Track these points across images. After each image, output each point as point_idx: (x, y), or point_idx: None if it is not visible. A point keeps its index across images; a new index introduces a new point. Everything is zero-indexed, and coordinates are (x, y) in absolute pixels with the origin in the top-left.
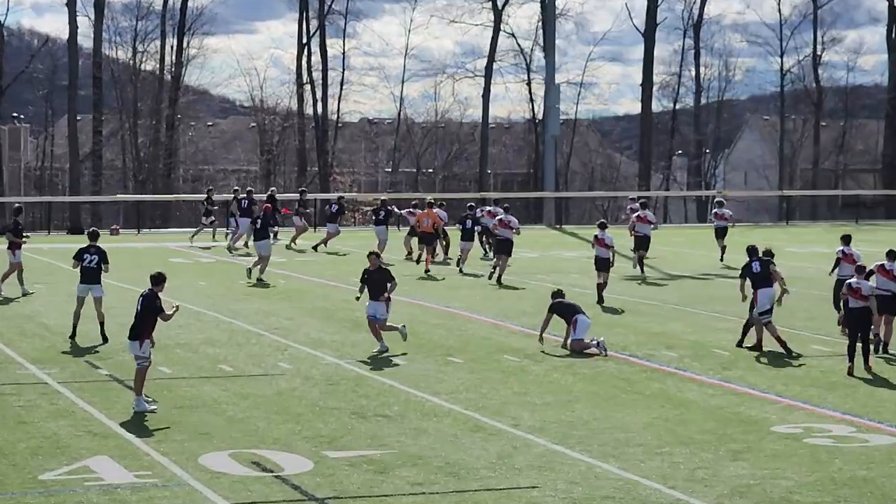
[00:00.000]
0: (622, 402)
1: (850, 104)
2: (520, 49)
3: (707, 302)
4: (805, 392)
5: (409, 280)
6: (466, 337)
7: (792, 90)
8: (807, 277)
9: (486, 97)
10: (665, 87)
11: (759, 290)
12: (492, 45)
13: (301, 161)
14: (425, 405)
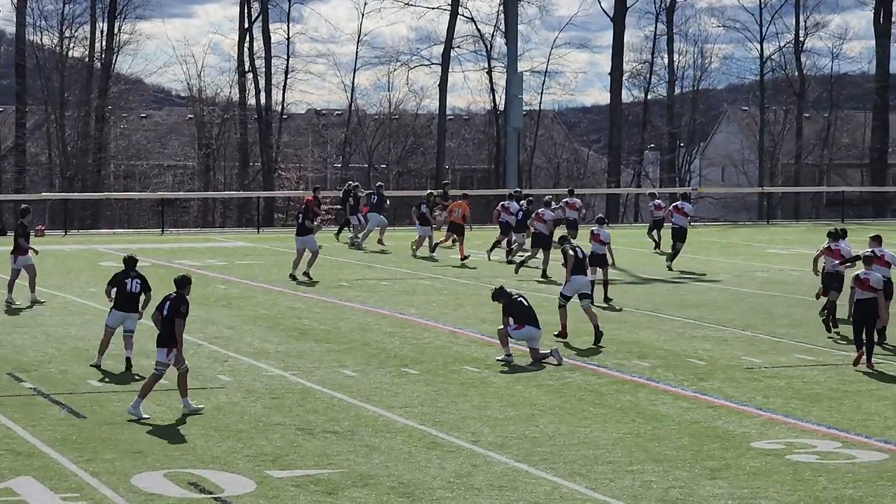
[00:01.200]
0: (590, 415)
1: (836, 94)
2: (479, 35)
3: (681, 308)
4: (787, 405)
5: (360, 284)
6: (422, 346)
7: (773, 79)
8: (789, 281)
9: (443, 87)
10: (636, 76)
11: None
12: (449, 31)
13: (243, 156)
14: (378, 420)
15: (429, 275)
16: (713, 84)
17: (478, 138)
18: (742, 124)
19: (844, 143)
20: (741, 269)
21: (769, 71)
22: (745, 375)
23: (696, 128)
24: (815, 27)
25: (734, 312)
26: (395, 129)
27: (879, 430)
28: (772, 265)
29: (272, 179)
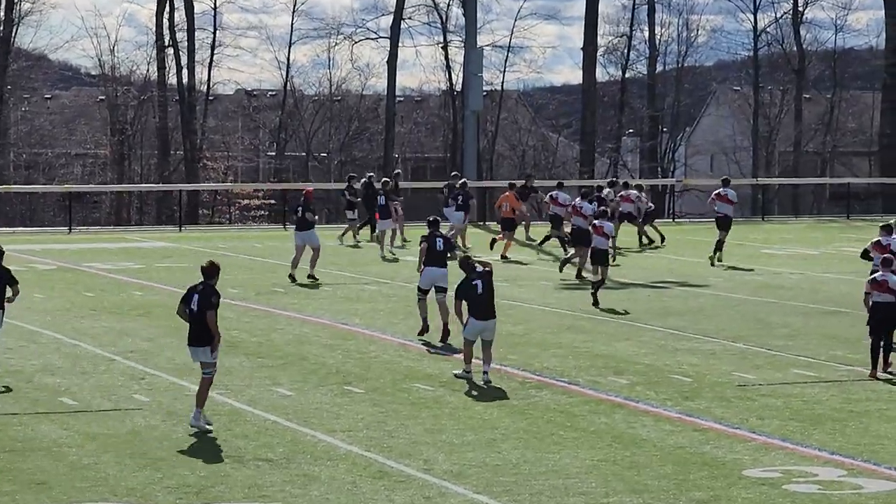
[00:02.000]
0: (560, 440)
1: (839, 72)
2: (434, 4)
3: (664, 316)
4: (784, 427)
5: (297, 290)
6: (367, 361)
7: (768, 55)
8: (787, 286)
9: (392, 64)
10: (612, 52)
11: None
12: (399, 0)
13: (162, 143)
14: (317, 446)
15: (375, 279)
16: (700, 61)
17: (432, 122)
18: (733, 106)
19: (850, 127)
20: (732, 273)
21: (764, 45)
22: (736, 394)
23: (680, 110)
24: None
25: (724, 322)
26: (337, 113)
27: (889, 457)
28: (767, 267)
29: (196, 170)
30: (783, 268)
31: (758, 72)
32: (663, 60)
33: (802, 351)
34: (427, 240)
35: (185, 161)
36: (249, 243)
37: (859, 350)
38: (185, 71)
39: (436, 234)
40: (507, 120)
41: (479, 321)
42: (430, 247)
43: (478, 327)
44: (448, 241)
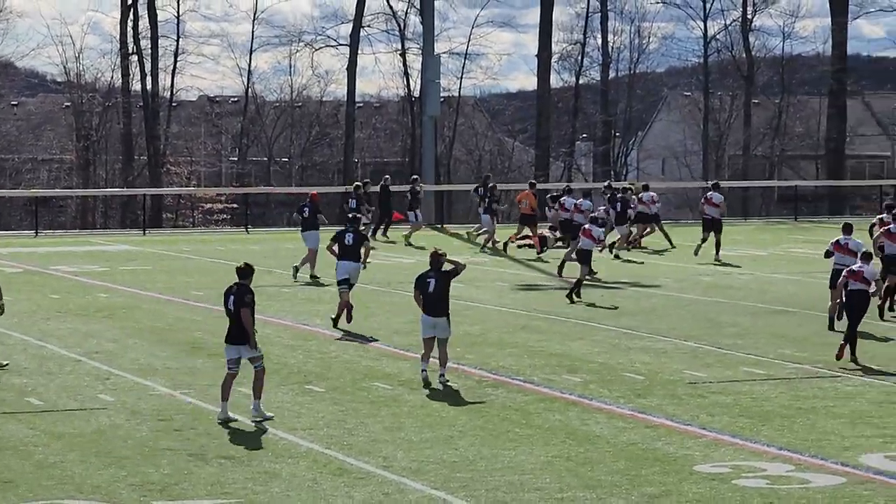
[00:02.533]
0: (515, 437)
1: (787, 78)
2: (392, 13)
3: (617, 316)
4: (734, 424)
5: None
6: (328, 361)
7: (718, 61)
8: (737, 286)
9: (351, 70)
10: (566, 59)
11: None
12: (358, 8)
13: (127, 148)
14: (278, 444)
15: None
16: (652, 67)
17: (390, 128)
18: (684, 111)
19: (797, 132)
20: (683, 273)
21: (714, 52)
22: (687, 391)
23: (632, 115)
24: (765, 3)
25: (675, 321)
26: (297, 118)
27: (836, 451)
28: (717, 268)
29: (160, 175)
30: (733, 268)
31: (708, 78)
32: (616, 67)
33: (751, 349)
34: (339, 236)
35: (148, 166)
36: (212, 247)
37: (806, 348)
38: (149, 78)
39: (348, 231)
40: (464, 125)
41: (428, 317)
42: (341, 242)
43: (427, 322)
44: (359, 236)
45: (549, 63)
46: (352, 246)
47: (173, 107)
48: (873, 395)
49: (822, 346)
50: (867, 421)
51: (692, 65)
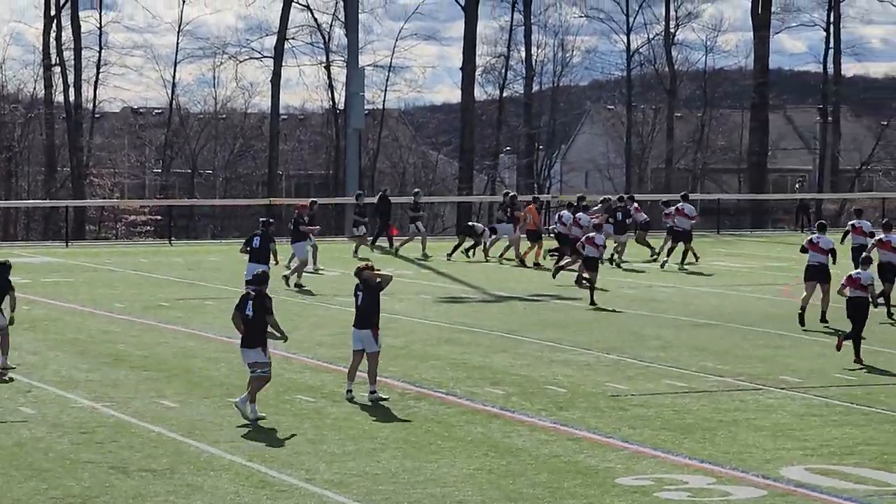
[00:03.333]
0: (438, 449)
1: (710, 91)
2: (317, 25)
3: (540, 328)
4: (656, 436)
5: (182, 304)
6: None
7: (641, 75)
8: (659, 299)
9: (275, 83)
10: (490, 72)
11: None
12: (282, 21)
13: (49, 160)
14: (200, 457)
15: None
16: (575, 80)
17: (315, 140)
18: (607, 125)
19: (720, 145)
20: (607, 286)
21: (637, 66)
22: (609, 404)
23: (556, 128)
24: (687, 17)
25: (598, 334)
26: (222, 130)
27: (757, 464)
28: (640, 281)
29: (83, 186)
30: (655, 281)
31: (631, 91)
32: (539, 80)
33: (674, 362)
34: (249, 239)
35: (71, 178)
36: (135, 259)
37: (728, 361)
38: (72, 89)
39: (256, 234)
40: (389, 138)
41: (356, 329)
42: (250, 244)
43: (355, 335)
44: (267, 239)
45: (474, 76)
46: (258, 248)
47: (96, 118)
48: (794, 408)
49: (743, 358)
50: (788, 434)
51: (615, 78)
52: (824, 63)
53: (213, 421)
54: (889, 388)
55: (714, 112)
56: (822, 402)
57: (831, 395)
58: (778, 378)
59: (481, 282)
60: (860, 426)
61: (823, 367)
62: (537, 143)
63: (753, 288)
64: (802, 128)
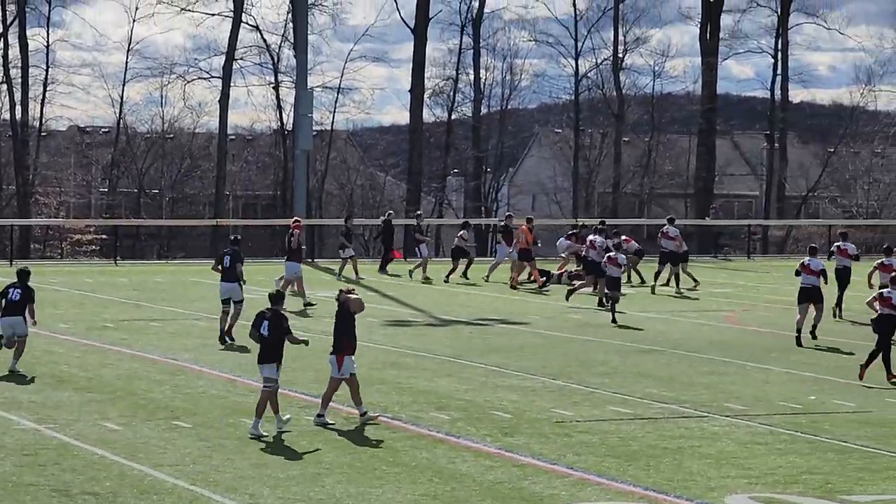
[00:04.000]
0: (382, 475)
1: (657, 117)
2: (265, 46)
3: (485, 353)
4: (601, 463)
5: (127, 326)
6: (196, 396)
7: (589, 99)
8: (605, 324)
9: (224, 103)
10: (439, 94)
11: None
12: (231, 41)
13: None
14: (144, 480)
15: (205, 315)
16: (523, 104)
17: (262, 161)
18: (555, 148)
19: (667, 170)
20: (553, 311)
21: (585, 90)
22: (554, 430)
23: (504, 151)
24: (636, 42)
25: (544, 359)
26: (169, 150)
27: (701, 492)
28: (586, 306)
29: (28, 205)
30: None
31: (578, 115)
32: (488, 103)
33: (619, 388)
34: (220, 256)
35: (17, 196)
36: (80, 278)
37: (673, 388)
38: (19, 107)
39: (227, 253)
40: (337, 159)
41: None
42: (222, 263)
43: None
44: (235, 257)
45: (422, 98)
46: (229, 268)
47: (43, 136)
48: (739, 436)
49: (688, 385)
50: (732, 462)
51: (563, 102)
52: (771, 89)
53: (156, 444)
54: (833, 417)
55: (661, 137)
56: (767, 430)
57: (776, 423)
58: (723, 405)
59: (428, 305)
60: (805, 455)
61: (768, 394)
62: (485, 165)
63: (699, 314)
64: (749, 153)
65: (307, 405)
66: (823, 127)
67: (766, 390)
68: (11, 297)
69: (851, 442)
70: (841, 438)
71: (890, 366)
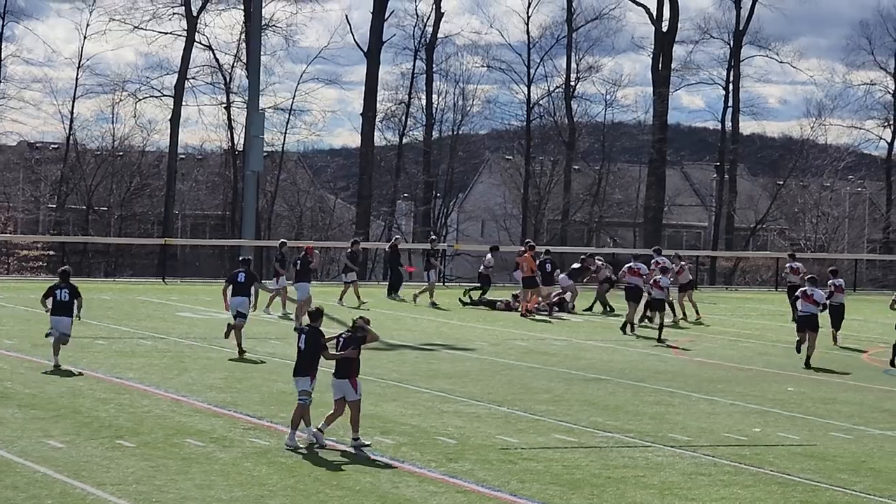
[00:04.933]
0: (326, 498)
1: (608, 145)
2: (218, 65)
3: (431, 378)
4: (545, 491)
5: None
6: (140, 415)
7: (540, 126)
8: (551, 352)
9: (175, 122)
10: (390, 118)
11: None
12: (184, 59)
13: None
14: (86, 499)
15: (151, 334)
16: (475, 129)
17: (212, 181)
18: (505, 175)
19: (617, 199)
20: (499, 337)
21: (536, 117)
22: (499, 457)
23: (454, 177)
24: (588, 71)
25: (490, 385)
26: (119, 168)
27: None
28: (532, 333)
29: None
30: (548, 334)
31: (529, 142)
32: (439, 128)
33: (564, 416)
34: (233, 276)
35: None
36: (27, 294)
37: (618, 417)
38: None
39: (240, 271)
40: (287, 181)
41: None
42: (234, 281)
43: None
44: (248, 276)
45: (374, 121)
46: (243, 283)
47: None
48: (683, 466)
49: (633, 414)
50: (676, 492)
51: (514, 128)
52: (722, 120)
53: (100, 463)
54: (777, 450)
55: (612, 166)
56: (711, 461)
57: (720, 455)
58: (667, 436)
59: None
60: (748, 487)
61: (713, 426)
62: (435, 190)
63: (644, 343)
64: (699, 184)
65: (252, 427)
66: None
67: (711, 421)
68: (60, 297)
69: (795, 475)
70: (784, 471)
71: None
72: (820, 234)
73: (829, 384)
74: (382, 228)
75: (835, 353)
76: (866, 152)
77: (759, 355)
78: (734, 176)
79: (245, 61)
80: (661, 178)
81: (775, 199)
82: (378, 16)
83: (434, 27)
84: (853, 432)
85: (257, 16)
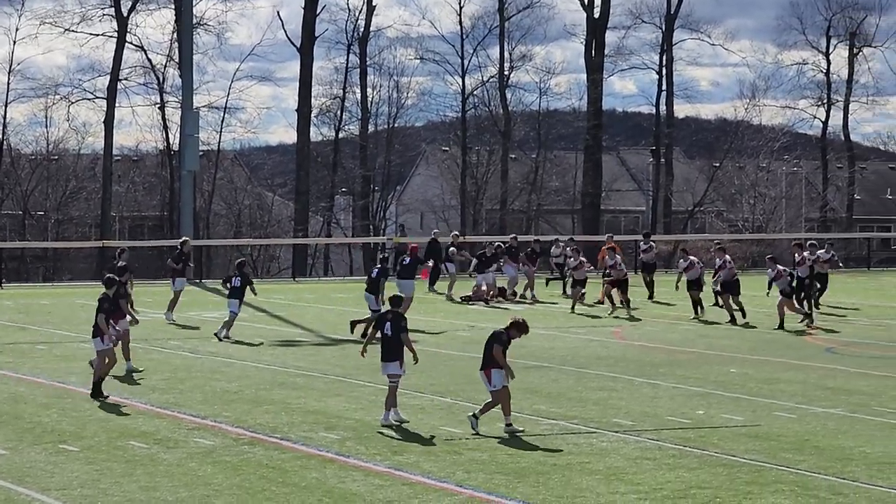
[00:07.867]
0: (272, 495)
1: (544, 133)
2: (150, 66)
3: (374, 372)
4: (490, 480)
5: (12, 349)
6: (83, 419)
7: (475, 116)
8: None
9: (109, 124)
10: (325, 113)
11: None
12: (115, 61)
13: None
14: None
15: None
16: (410, 122)
17: (149, 182)
18: (442, 166)
19: (554, 186)
20: (442, 327)
21: (472, 108)
22: (444, 448)
23: (391, 170)
24: (522, 60)
25: (433, 377)
26: (54, 172)
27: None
28: (477, 322)
29: None
30: (492, 322)
31: (465, 133)
32: (375, 121)
33: None
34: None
35: None
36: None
37: (561, 404)
38: None
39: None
40: (224, 179)
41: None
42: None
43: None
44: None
45: (309, 117)
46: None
47: None
48: (628, 451)
49: (576, 401)
50: (621, 477)
51: (450, 120)
52: (657, 105)
53: (44, 468)
54: (722, 431)
55: (548, 153)
56: (655, 444)
57: (664, 438)
58: (611, 421)
59: (316, 325)
60: (693, 469)
61: (656, 409)
62: (373, 184)
63: (586, 329)
64: (635, 169)
65: (196, 427)
66: (708, 142)
67: (654, 405)
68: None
69: (740, 456)
70: (729, 452)
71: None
72: (758, 215)
73: (772, 364)
74: (321, 224)
75: (777, 333)
76: (801, 132)
77: (700, 337)
78: (670, 160)
79: (177, 61)
80: (598, 164)
81: (712, 182)
82: (310, 11)
83: (366, 20)
84: (796, 411)
85: (188, 14)
